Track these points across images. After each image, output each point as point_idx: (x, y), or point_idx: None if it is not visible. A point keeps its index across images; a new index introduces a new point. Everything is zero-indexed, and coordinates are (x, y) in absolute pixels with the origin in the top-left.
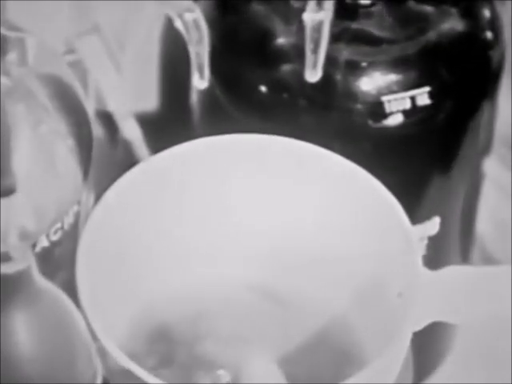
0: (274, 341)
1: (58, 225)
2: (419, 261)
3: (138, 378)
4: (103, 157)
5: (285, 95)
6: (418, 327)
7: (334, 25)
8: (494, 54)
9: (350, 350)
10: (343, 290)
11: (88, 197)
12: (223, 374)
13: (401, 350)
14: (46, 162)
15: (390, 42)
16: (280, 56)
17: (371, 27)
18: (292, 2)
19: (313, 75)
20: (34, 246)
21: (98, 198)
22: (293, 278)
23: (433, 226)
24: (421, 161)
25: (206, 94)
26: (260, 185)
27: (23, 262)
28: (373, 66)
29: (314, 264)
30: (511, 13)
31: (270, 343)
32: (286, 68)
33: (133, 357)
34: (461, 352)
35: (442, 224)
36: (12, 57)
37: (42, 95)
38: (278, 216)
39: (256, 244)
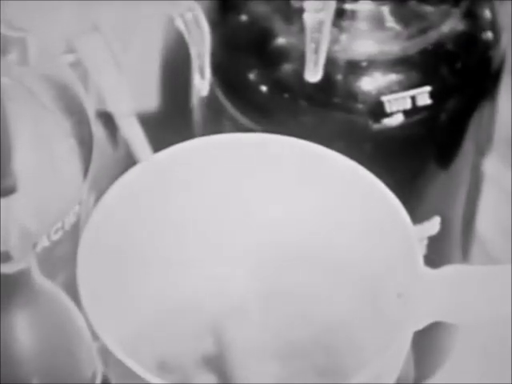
0: (274, 340)
1: (59, 224)
2: (420, 260)
3: (140, 378)
4: (103, 157)
5: (285, 95)
6: (419, 327)
7: (333, 24)
8: (495, 54)
9: (350, 350)
10: (343, 290)
11: (88, 196)
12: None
13: (401, 350)
14: (46, 162)
15: (391, 42)
16: (280, 56)
17: (371, 27)
18: (292, 2)
19: (313, 75)
20: (34, 245)
21: (98, 197)
22: (292, 278)
23: (433, 225)
24: (421, 160)
25: (206, 94)
26: (260, 184)
27: (23, 261)
28: (373, 65)
29: (314, 263)
30: (511, 13)
31: (269, 343)
32: (287, 68)
33: (134, 356)
34: (461, 352)
35: (443, 224)
36: (12, 57)
37: (43, 95)
38: (278, 215)
39: (255, 244)
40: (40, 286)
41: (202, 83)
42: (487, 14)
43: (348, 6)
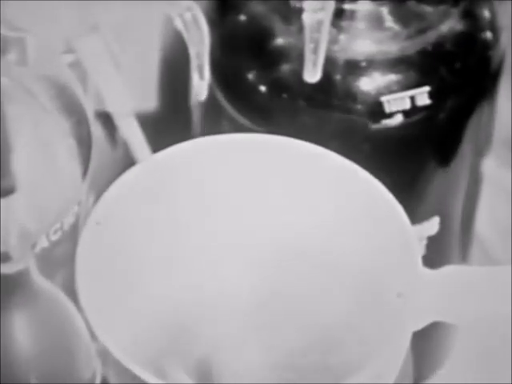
0: (274, 342)
1: (58, 225)
2: (419, 261)
3: (138, 378)
4: (103, 157)
5: (284, 95)
6: (418, 327)
7: (332, 24)
8: (494, 54)
9: (350, 350)
10: (343, 290)
11: (88, 197)
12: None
13: (401, 350)
14: (45, 162)
15: (390, 42)
16: (279, 56)
17: (370, 27)
18: (291, 2)
19: (312, 75)
20: (33, 246)
21: (97, 197)
22: (292, 279)
23: (432, 225)
24: (420, 161)
25: (206, 94)
26: (259, 185)
27: (23, 262)
28: (372, 65)
29: (313, 264)
30: (511, 13)
31: (269, 344)
32: (286, 68)
33: (133, 356)
34: (461, 352)
35: (442, 224)
36: (12, 57)
37: (42, 95)
38: (278, 216)
39: (255, 244)
40: (39, 286)
41: (200, 83)
42: (486, 13)
43: (347, 6)
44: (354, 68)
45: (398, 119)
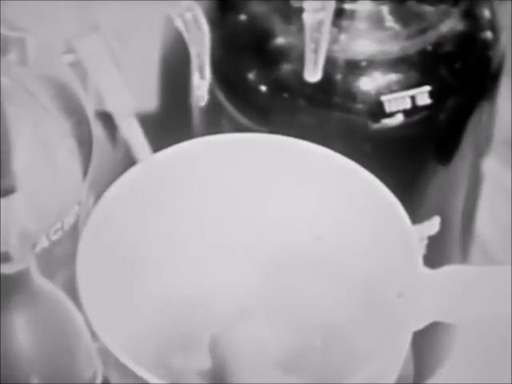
0: (275, 343)
1: (58, 225)
2: (419, 260)
3: (139, 378)
4: (103, 157)
5: (285, 95)
6: (418, 327)
7: (333, 24)
8: (494, 54)
9: (350, 350)
10: (343, 290)
11: (88, 197)
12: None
13: (401, 350)
14: (46, 162)
15: (390, 41)
16: (280, 56)
17: (371, 27)
18: (292, 2)
19: (313, 75)
20: (33, 246)
21: (97, 197)
22: (292, 279)
23: (433, 225)
24: (421, 160)
25: (206, 94)
26: (260, 184)
27: (23, 262)
28: (373, 65)
29: (314, 264)
30: (511, 13)
31: (269, 344)
32: (286, 68)
33: (133, 356)
34: (461, 352)
35: (442, 224)
36: (12, 57)
37: (42, 95)
38: (278, 216)
39: (255, 244)
40: (39, 286)
41: (201, 83)
42: (486, 13)
43: (347, 6)
44: (355, 68)
45: (399, 119)
